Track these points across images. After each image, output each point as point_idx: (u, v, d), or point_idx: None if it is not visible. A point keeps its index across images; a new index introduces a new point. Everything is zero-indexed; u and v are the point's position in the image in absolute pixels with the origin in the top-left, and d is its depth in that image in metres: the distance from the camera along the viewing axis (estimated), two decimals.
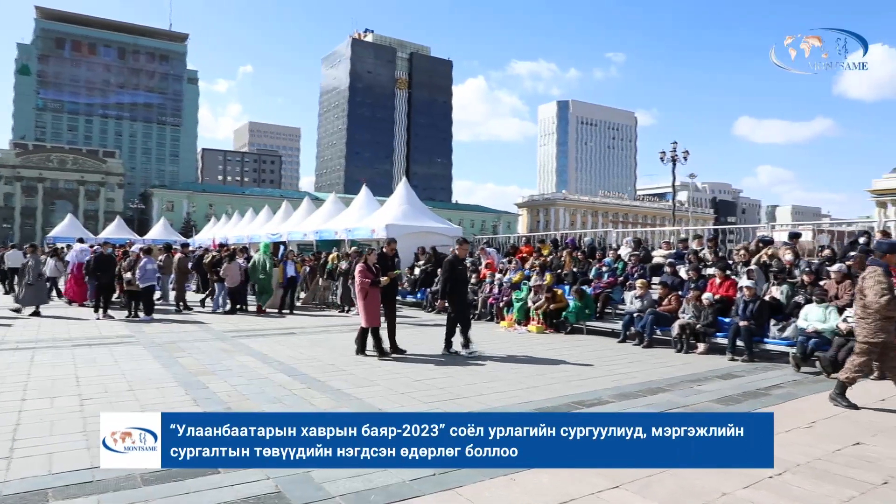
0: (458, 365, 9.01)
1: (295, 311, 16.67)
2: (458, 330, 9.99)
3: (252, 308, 16.67)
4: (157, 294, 18.57)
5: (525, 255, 17.10)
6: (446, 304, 10.11)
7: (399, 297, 18.89)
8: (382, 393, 7.05)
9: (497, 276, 15.71)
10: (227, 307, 16.35)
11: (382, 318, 9.78)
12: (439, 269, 17.56)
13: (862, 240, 11.42)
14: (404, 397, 6.84)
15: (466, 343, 9.87)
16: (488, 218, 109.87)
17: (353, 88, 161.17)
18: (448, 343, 9.97)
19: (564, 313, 12.85)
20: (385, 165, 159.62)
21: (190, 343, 10.81)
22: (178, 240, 37.97)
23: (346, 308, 16.72)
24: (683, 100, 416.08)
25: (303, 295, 19.27)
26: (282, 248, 22.09)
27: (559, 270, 15.01)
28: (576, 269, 14.83)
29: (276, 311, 16.44)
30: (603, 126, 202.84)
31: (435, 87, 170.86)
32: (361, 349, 9.55)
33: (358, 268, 9.51)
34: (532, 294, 13.51)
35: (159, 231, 40.73)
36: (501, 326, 13.90)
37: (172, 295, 18.24)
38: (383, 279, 9.56)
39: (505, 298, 14.64)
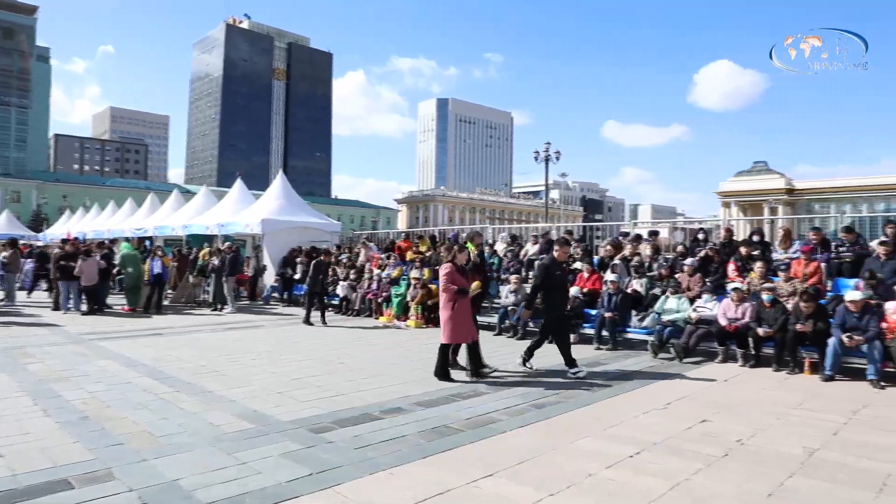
0: (335, 361, 8.91)
1: (162, 311, 15.69)
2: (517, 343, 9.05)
3: (118, 308, 15.51)
4: (1, 294, 16.83)
5: (404, 250, 17.17)
6: (536, 312, 8.54)
7: (275, 296, 18.42)
8: (257, 393, 6.82)
9: (376, 271, 15.67)
10: (84, 308, 15.07)
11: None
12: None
13: (700, 236, 12.56)
14: (281, 397, 6.66)
15: (571, 361, 8.09)
16: (368, 213, 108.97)
17: (228, 76, 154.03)
18: (529, 355, 8.42)
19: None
20: (261, 158, 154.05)
21: (40, 348, 9.85)
22: (27, 234, 34.51)
23: (219, 306, 16.00)
24: (557, 102, 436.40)
25: (171, 293, 18.21)
26: (147, 243, 20.73)
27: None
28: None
29: (142, 310, 15.40)
30: (481, 125, 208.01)
31: (314, 79, 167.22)
32: (444, 371, 7.64)
33: (444, 269, 7.66)
34: (411, 289, 13.61)
35: (2, 225, 36.74)
36: (380, 322, 13.89)
37: (22, 295, 16.56)
38: (473, 286, 7.84)
39: (384, 294, 14.64)
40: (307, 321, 13.19)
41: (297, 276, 17.75)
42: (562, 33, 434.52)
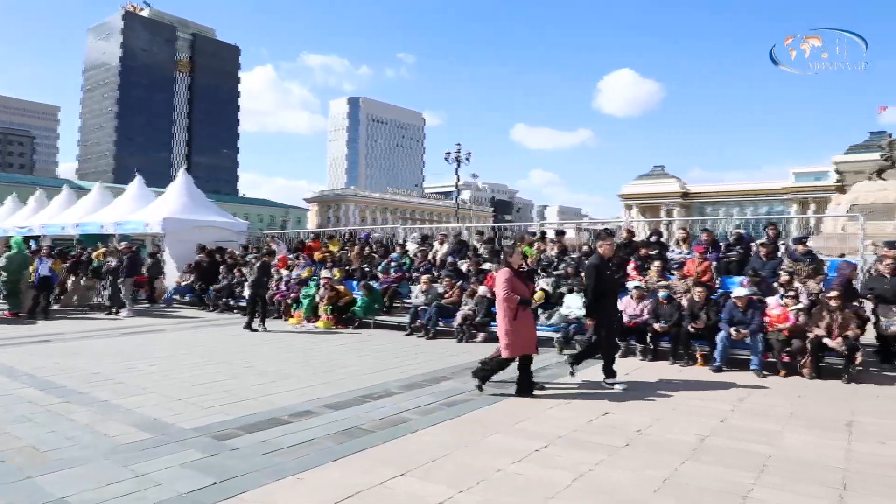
0: (242, 365, 8.63)
1: (51, 316, 14.62)
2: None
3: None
4: None
5: (314, 250, 16.88)
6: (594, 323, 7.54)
7: (178, 297, 17.62)
8: (157, 401, 6.50)
9: (284, 272, 15.31)
10: None
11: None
12: (224, 267, 16.68)
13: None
14: (183, 404, 6.38)
15: (610, 371, 7.45)
16: (277, 213, 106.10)
17: (126, 67, 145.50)
18: (609, 370, 7.45)
19: (352, 308, 12.94)
20: (162, 154, 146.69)
21: None
22: None
23: (116, 310, 15.12)
24: (468, 104, 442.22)
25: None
26: (33, 242, 19.27)
27: (348, 266, 15.08)
28: (364, 265, 15.01)
29: (26, 315, 14.30)
30: (393, 125, 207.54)
31: (220, 72, 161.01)
32: (482, 379, 7.00)
33: (502, 276, 6.86)
34: (321, 289, 13.40)
35: None
36: (289, 323, 13.59)
37: None
38: (536, 296, 7.18)
39: (293, 295, 14.33)
40: (249, 327, 12.49)
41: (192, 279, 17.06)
42: (473, 36, 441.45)
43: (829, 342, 7.78)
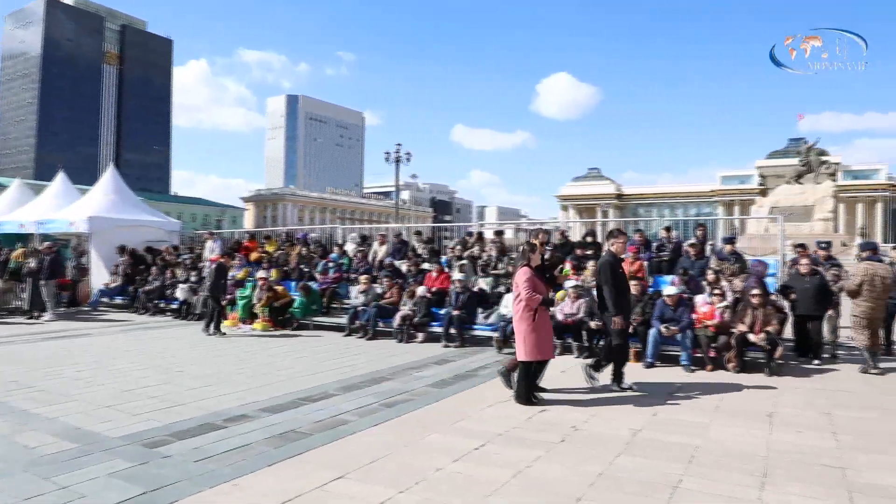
0: (174, 369, 8.35)
1: None
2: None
3: None
4: None
5: (250, 250, 16.50)
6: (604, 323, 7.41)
7: (105, 299, 16.88)
8: (82, 409, 6.21)
9: None
10: None
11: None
12: (150, 268, 16.08)
13: (541, 237, 13.34)
14: (110, 411, 6.11)
15: (619, 376, 7.20)
16: (212, 212, 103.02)
17: (49, 56, 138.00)
18: (619, 375, 7.21)
19: (290, 310, 12.72)
20: (89, 149, 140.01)
21: None
22: None
23: (37, 314, 14.35)
24: (408, 104, 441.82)
25: None
26: None
27: (285, 266, 14.81)
28: (302, 266, 14.78)
29: None
30: (332, 123, 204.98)
31: (151, 65, 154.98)
32: (527, 395, 6.52)
33: (523, 275, 6.53)
34: (258, 290, 13.10)
35: None
36: (224, 325, 13.21)
37: None
38: (558, 295, 6.92)
39: (228, 296, 13.94)
40: (216, 330, 12.05)
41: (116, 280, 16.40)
42: (414, 36, 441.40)
43: (752, 337, 8.17)
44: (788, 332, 9.21)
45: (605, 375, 7.23)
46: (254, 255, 15.79)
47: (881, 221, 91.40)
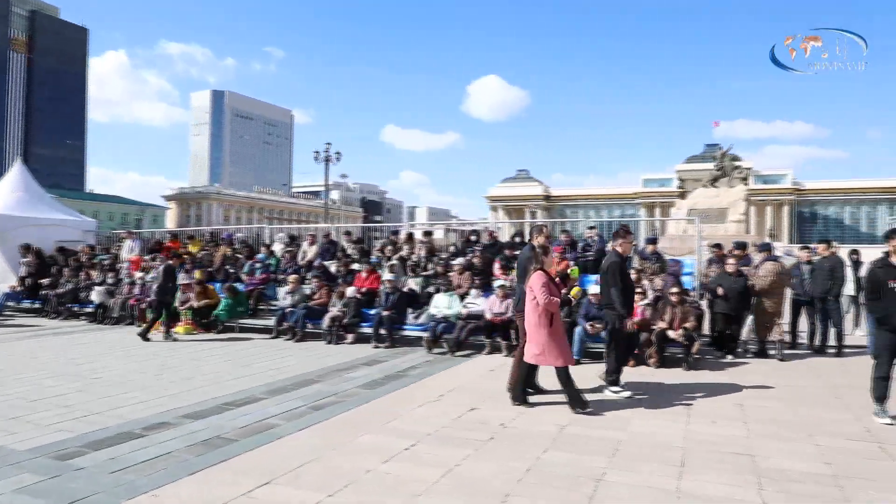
0: (88, 376, 7.94)
1: None
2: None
3: None
4: None
5: (172, 251, 15.87)
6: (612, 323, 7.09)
7: (12, 303, 15.85)
8: None
9: (139, 274, 14.26)
10: None
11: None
12: (62, 270, 15.23)
13: (472, 238, 13.50)
14: (16, 423, 5.74)
15: (616, 375, 7.07)
16: (131, 211, 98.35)
17: None
18: (618, 374, 7.10)
19: (215, 312, 12.32)
20: None
21: None
22: None
23: None
24: (338, 103, 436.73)
25: None
26: None
27: (210, 267, 14.34)
28: (228, 266, 14.36)
29: None
30: (260, 121, 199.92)
31: (64, 55, 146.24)
32: (522, 395, 6.48)
33: (539, 280, 6.26)
34: (180, 292, 12.63)
35: None
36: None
37: None
38: (574, 290, 6.81)
39: (148, 299, 13.36)
40: (146, 335, 11.34)
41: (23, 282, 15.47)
42: (345, 35, 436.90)
43: (671, 334, 8.54)
44: (706, 328, 9.66)
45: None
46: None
47: (787, 223, 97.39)
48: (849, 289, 10.67)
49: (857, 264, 11.22)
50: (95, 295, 14.20)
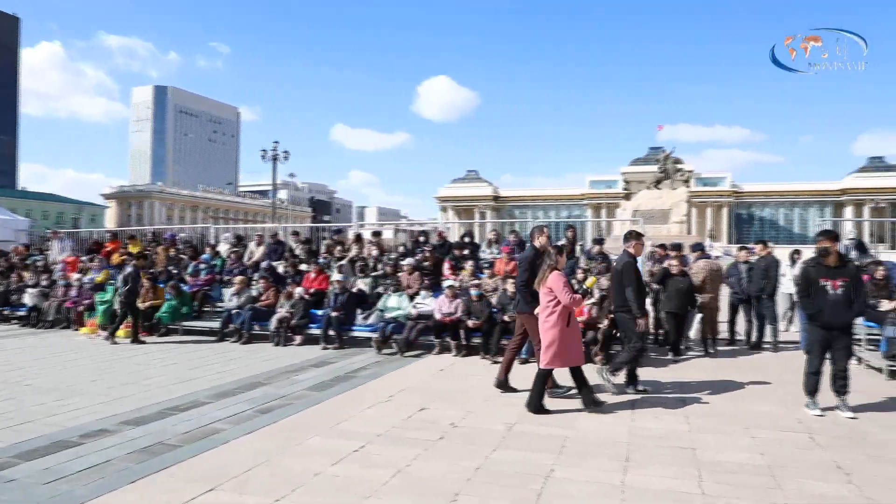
0: (20, 383, 7.58)
1: None
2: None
3: None
4: None
5: (111, 252, 15.32)
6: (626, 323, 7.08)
7: None
8: None
9: (75, 275, 13.71)
10: None
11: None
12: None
13: (421, 238, 13.51)
14: None
15: (634, 378, 7.16)
16: (67, 209, 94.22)
17: None
18: (634, 377, 7.16)
19: (158, 314, 11.94)
20: None
21: None
22: None
23: None
24: (286, 101, 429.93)
25: None
26: None
27: (151, 269, 13.89)
28: (171, 267, 13.94)
29: None
30: (205, 118, 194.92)
31: None
32: (540, 401, 6.23)
33: (559, 280, 6.17)
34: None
35: None
36: (82, 333, 12.18)
37: None
38: (589, 281, 7.01)
39: (86, 301, 12.88)
40: (112, 339, 11.06)
41: None
42: (294, 32, 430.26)
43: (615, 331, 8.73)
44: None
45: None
46: (115, 258, 14.65)
47: (726, 224, 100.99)
48: (788, 287, 11.13)
49: (795, 263, 11.70)
50: (28, 297, 13.59)
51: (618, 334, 8.70)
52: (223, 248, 14.70)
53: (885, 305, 8.63)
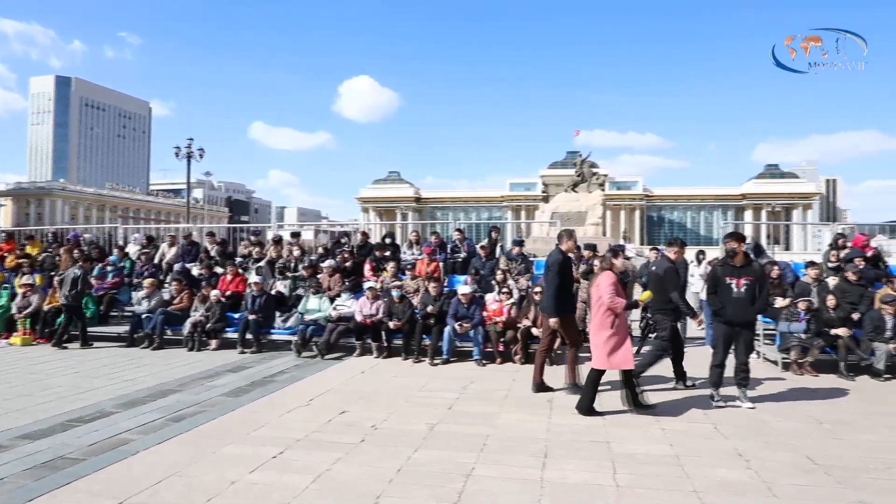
0: None
1: None
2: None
3: None
4: None
5: (6, 252, 14.27)
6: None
7: None
8: None
9: None
10: None
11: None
12: None
13: (343, 240, 13.38)
14: None
15: (683, 374, 7.41)
16: None
17: None
18: (681, 373, 7.38)
19: (59, 319, 11.21)
20: None
21: None
22: None
23: None
24: (202, 97, 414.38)
25: None
26: None
27: (52, 271, 13.06)
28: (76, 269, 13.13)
29: None
30: (113, 112, 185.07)
31: None
32: (590, 405, 6.18)
33: (608, 280, 6.23)
34: (19, 299, 11.39)
35: None
36: None
37: None
38: (643, 296, 6.74)
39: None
40: (59, 343, 10.50)
41: None
42: (210, 24, 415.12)
43: (535, 331, 8.93)
44: None
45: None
46: (10, 260, 13.66)
47: (639, 226, 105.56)
48: (695, 286, 11.71)
49: (701, 263, 12.36)
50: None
51: (535, 331, 8.91)
52: (132, 250, 14.01)
53: (780, 303, 9.23)
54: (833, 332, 8.43)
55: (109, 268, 12.93)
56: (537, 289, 9.33)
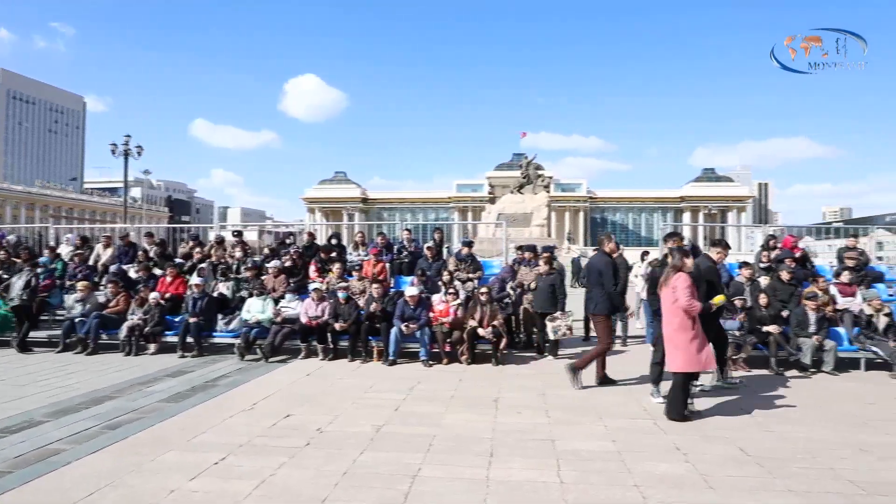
0: None
1: None
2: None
3: None
4: None
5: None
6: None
7: None
8: None
9: None
10: None
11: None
12: None
13: (288, 241, 13.12)
14: None
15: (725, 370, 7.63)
16: None
17: None
18: (724, 374, 7.57)
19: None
20: None
21: None
22: None
23: None
24: (140, 92, 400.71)
25: None
26: None
27: None
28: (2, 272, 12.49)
29: None
30: (44, 106, 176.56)
31: None
32: (681, 410, 6.01)
33: (685, 282, 6.04)
34: None
35: None
36: None
37: None
38: (717, 298, 6.39)
39: None
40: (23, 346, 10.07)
41: None
42: (147, 17, 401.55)
43: (481, 331, 9.01)
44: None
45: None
46: None
47: (583, 227, 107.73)
48: (637, 285, 12.02)
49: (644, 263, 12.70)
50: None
51: (481, 332, 8.99)
52: (65, 251, 13.42)
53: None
54: (765, 329, 8.80)
55: (40, 269, 12.34)
56: (483, 289, 9.42)
